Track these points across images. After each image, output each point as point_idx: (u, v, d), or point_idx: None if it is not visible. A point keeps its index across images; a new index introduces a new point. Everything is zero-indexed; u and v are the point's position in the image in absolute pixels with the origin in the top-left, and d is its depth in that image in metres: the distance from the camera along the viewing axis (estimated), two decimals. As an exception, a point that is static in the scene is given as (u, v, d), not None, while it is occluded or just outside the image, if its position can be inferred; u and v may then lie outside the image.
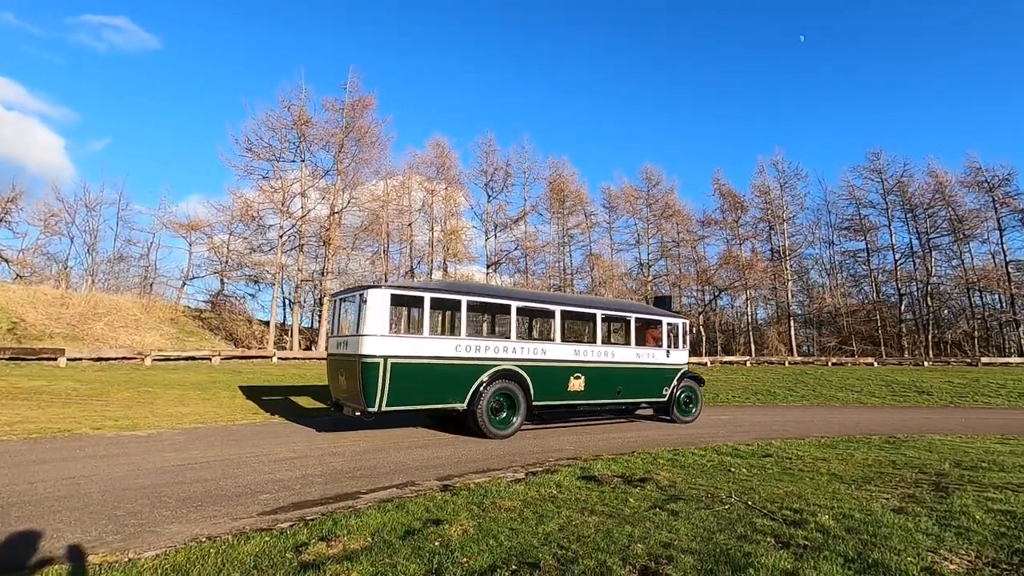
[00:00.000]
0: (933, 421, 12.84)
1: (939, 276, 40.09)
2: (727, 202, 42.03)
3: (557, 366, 10.11)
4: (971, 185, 38.99)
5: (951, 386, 22.67)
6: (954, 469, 6.07)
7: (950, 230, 39.47)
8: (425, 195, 36.84)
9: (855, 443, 8.92)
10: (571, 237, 41.91)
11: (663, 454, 7.50)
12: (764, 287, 40.79)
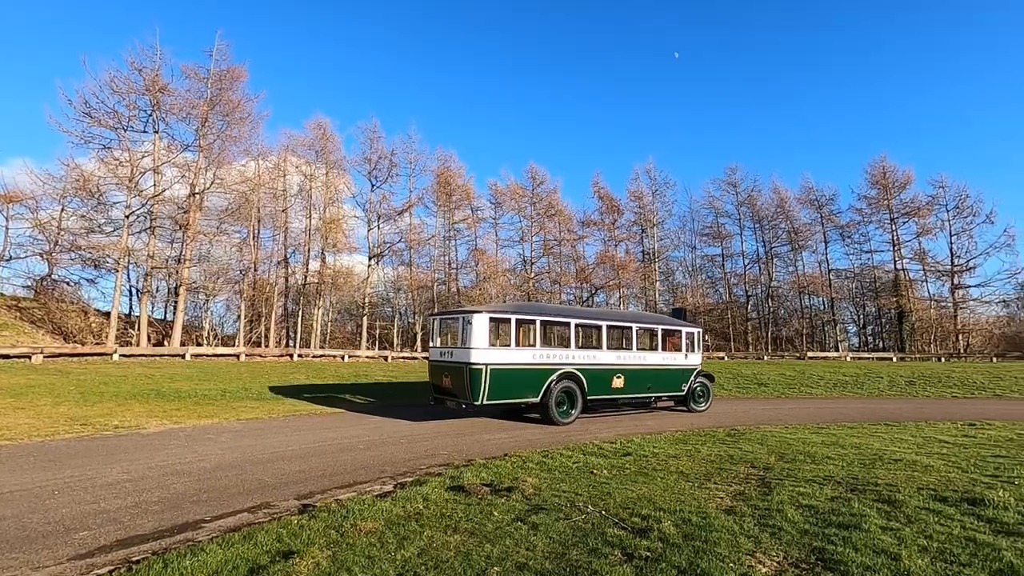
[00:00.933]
0: (768, 412, 14.56)
1: (779, 280, 45.93)
2: (605, 205, 44.51)
3: (604, 368, 12.78)
4: (805, 202, 45.10)
5: (784, 377, 25.99)
6: (778, 462, 6.90)
7: (788, 240, 45.32)
8: (303, 180, 34.58)
9: (703, 437, 9.84)
10: (457, 231, 41.83)
11: (533, 457, 7.71)
12: (635, 286, 43.88)
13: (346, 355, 28.23)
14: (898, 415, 13.85)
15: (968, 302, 41.40)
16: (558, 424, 11.52)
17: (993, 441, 8.48)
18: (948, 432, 10.06)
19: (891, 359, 35.36)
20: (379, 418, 12.28)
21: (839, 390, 22.98)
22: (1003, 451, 7.37)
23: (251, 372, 20.42)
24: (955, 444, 8.26)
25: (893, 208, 42.06)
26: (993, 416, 13.55)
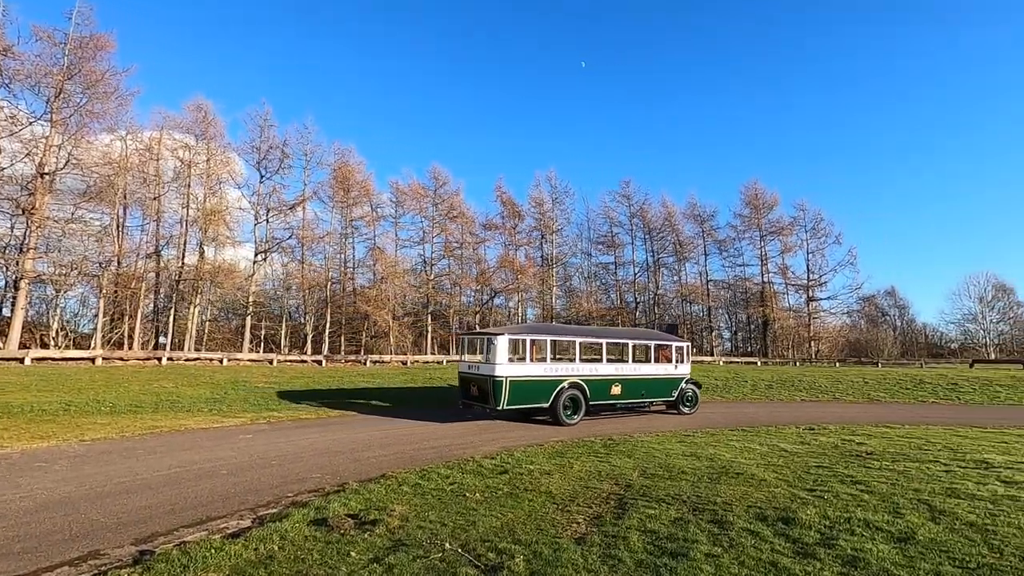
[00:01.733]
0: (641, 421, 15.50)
1: (664, 288, 49.32)
2: (507, 209, 45.21)
3: (604, 378, 15.05)
4: (690, 217, 48.86)
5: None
6: (639, 479, 7.38)
7: (674, 252, 48.82)
8: (179, 165, 31.55)
9: (581, 448, 10.27)
10: (355, 228, 40.42)
11: (409, 478, 7.61)
12: (534, 290, 44.99)
13: (225, 358, 26.24)
14: (755, 419, 15.35)
15: (819, 313, 47.13)
16: (564, 425, 13.78)
17: (822, 449, 9.66)
18: (790, 438, 11.30)
19: (756, 363, 39.31)
20: (250, 436, 11.52)
21: (710, 394, 25.07)
22: (827, 460, 8.43)
23: (107, 379, 18.30)
24: (792, 453, 9.31)
25: (763, 227, 46.82)
26: (829, 419, 15.44)
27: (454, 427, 13.46)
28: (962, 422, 14.87)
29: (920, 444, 10.18)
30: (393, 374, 26.36)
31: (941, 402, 22.73)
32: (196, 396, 17.17)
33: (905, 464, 7.81)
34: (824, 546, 4.33)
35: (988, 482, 6.42)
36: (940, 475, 6.89)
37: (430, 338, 38.88)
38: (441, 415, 15.62)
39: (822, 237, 45.91)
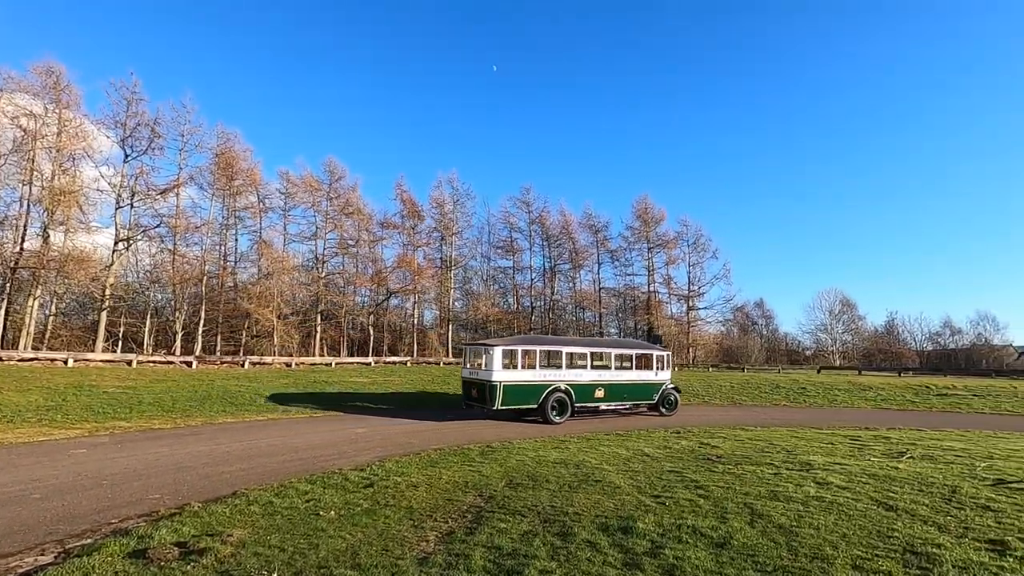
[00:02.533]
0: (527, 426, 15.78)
1: (560, 294, 50.91)
2: (407, 208, 44.33)
3: (588, 383, 17.05)
4: (585, 226, 50.87)
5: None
6: (504, 489, 7.42)
7: (570, 259, 50.56)
8: (20, 135, 27.38)
9: (459, 455, 10.20)
10: (239, 219, 37.54)
11: (262, 496, 7.09)
12: (432, 292, 44.48)
13: (72, 358, 23.18)
14: (628, 424, 16.19)
15: (697, 321, 51.06)
16: (551, 424, 15.77)
17: (679, 453, 10.35)
18: (656, 442, 11.99)
19: (640, 368, 41.80)
20: (84, 451, 10.19)
21: None
22: (680, 464, 9.03)
23: (-96, 384, 15.39)
24: (652, 458, 9.88)
25: (651, 239, 49.90)
26: (695, 423, 16.68)
27: (330, 435, 12.87)
28: (804, 424, 16.69)
29: (763, 447, 11.23)
30: (273, 377, 24.74)
31: (791, 405, 25.43)
32: (23, 403, 14.93)
33: (744, 467, 8.55)
34: (651, 555, 4.57)
35: (805, 483, 7.19)
36: (769, 478, 7.62)
37: (319, 339, 37.04)
38: (319, 424, 14.87)
39: (702, 252, 49.91)
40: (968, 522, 5.45)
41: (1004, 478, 7.49)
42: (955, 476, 7.71)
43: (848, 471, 8.06)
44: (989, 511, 5.83)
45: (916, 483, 7.22)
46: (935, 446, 11.37)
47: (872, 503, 6.16)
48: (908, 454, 10.00)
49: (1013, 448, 11.24)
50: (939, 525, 5.34)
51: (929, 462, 9.18)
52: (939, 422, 18.91)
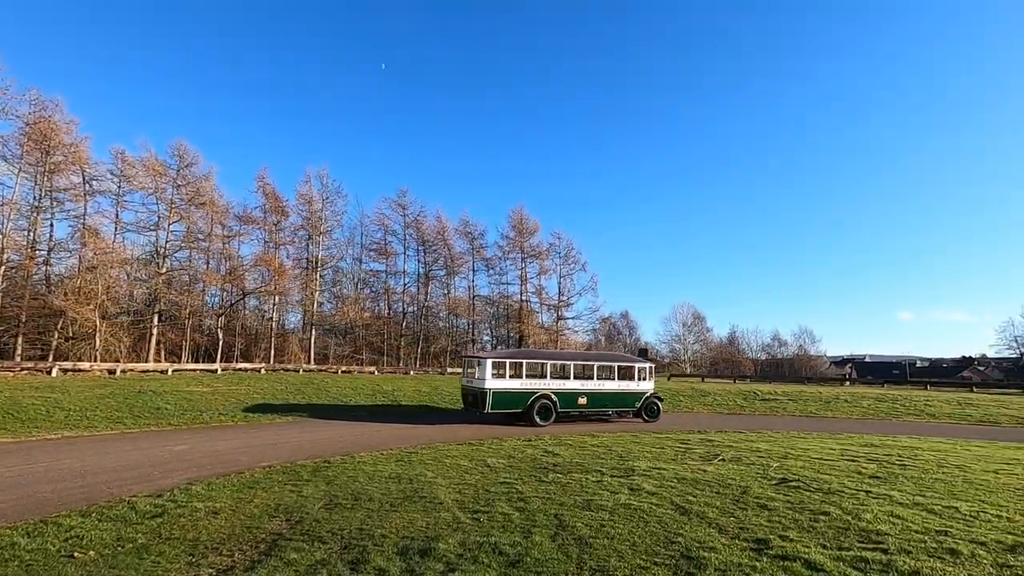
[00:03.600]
0: (381, 436, 15.05)
1: (434, 300, 50.29)
2: (270, 203, 41.08)
3: (571, 391, 19.08)
4: (462, 233, 50.88)
5: (418, 393, 28.02)
6: (319, 511, 6.83)
7: (445, 266, 50.19)
8: None
9: (286, 474, 9.31)
10: (57, 201, 32.12)
11: (6, 538, 5.81)
12: (294, 294, 41.58)
13: None
14: (494, 432, 16.13)
15: (565, 331, 53.28)
16: (537, 427, 17.76)
17: (520, 463, 10.41)
18: (504, 452, 11.96)
19: (509, 375, 42.56)
20: None
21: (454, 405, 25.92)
22: (515, 475, 9.04)
23: None
24: (492, 468, 9.81)
25: (525, 249, 51.20)
26: (546, 431, 17.11)
27: (138, 455, 11.23)
28: (646, 430, 17.83)
29: (601, 453, 11.70)
30: (87, 387, 21.34)
31: (640, 411, 27.26)
32: None
33: (573, 476, 8.76)
34: (439, 580, 4.35)
35: (621, 490, 7.51)
36: (591, 486, 7.85)
37: (154, 342, 32.78)
38: (131, 442, 12.94)
39: (572, 264, 52.27)
40: (745, 522, 5.95)
41: (788, 477, 8.42)
42: (750, 477, 8.53)
43: (663, 475, 8.59)
44: (766, 510, 6.44)
45: (717, 485, 7.85)
46: (747, 448, 12.64)
47: (672, 508, 6.53)
48: (720, 456, 10.97)
49: (805, 448, 12.84)
50: (720, 527, 5.76)
51: (736, 464, 10.12)
52: (758, 425, 21.29)
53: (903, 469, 9.62)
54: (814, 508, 6.46)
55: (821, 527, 5.69)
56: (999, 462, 10.91)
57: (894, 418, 25.67)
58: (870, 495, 7.22)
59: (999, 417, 24.94)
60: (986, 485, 8.21)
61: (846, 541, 5.22)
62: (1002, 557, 4.74)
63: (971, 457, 11.64)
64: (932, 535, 5.35)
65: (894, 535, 5.34)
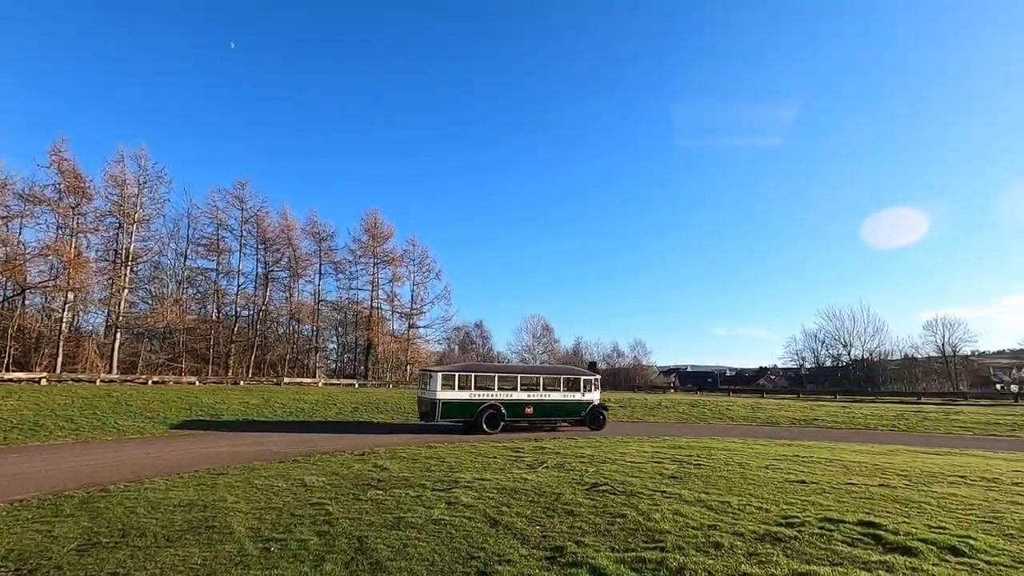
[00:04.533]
0: (187, 457, 13.20)
1: (273, 304, 46.31)
2: (68, 182, 34.62)
3: (518, 401, 21.02)
4: (309, 233, 47.74)
5: (246, 406, 25.42)
6: (68, 553, 5.64)
7: (289, 267, 46.58)
8: None
9: (39, 510, 7.63)
10: None
11: None
12: (95, 291, 35.43)
13: None
14: (319, 446, 14.98)
15: (416, 339, 52.53)
16: (487, 434, 19.22)
17: (344, 479, 9.74)
18: (329, 468, 11.13)
19: (354, 384, 40.55)
20: None
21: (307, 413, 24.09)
22: (334, 493, 8.40)
23: None
24: (307, 487, 9.01)
25: (378, 255, 49.60)
26: (382, 443, 16.43)
27: None
28: (487, 440, 17.93)
29: (432, 465, 11.45)
30: None
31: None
32: None
33: (395, 491, 8.38)
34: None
35: (438, 505, 7.32)
36: (407, 502, 7.55)
37: None
38: None
39: (426, 271, 51.83)
40: (550, 530, 6.10)
41: (599, 482, 8.92)
42: (566, 483, 8.88)
43: (485, 486, 8.59)
44: (571, 516, 6.69)
45: (533, 493, 8.03)
46: (572, 454, 13.29)
47: (483, 521, 6.48)
48: (545, 464, 11.36)
49: (623, 452, 13.86)
50: (524, 537, 5.83)
51: (558, 470, 10.52)
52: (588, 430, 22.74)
53: (697, 468, 10.76)
54: (614, 511, 6.85)
55: (616, 530, 6.03)
56: (771, 458, 12.75)
57: (702, 421, 29.14)
58: (664, 495, 7.89)
59: (780, 419, 29.59)
60: (757, 479, 9.48)
61: (633, 542, 5.57)
62: (753, 546, 5.38)
63: (752, 454, 13.47)
64: (704, 530, 5.93)
65: (674, 533, 5.82)
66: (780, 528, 6.04)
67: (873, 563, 4.89)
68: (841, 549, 5.30)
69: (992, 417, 29.74)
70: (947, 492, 8.63)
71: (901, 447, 17.16)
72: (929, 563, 4.94)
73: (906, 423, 28.13)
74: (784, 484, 9.02)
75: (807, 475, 10.02)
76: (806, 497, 7.91)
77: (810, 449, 15.37)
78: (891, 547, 5.38)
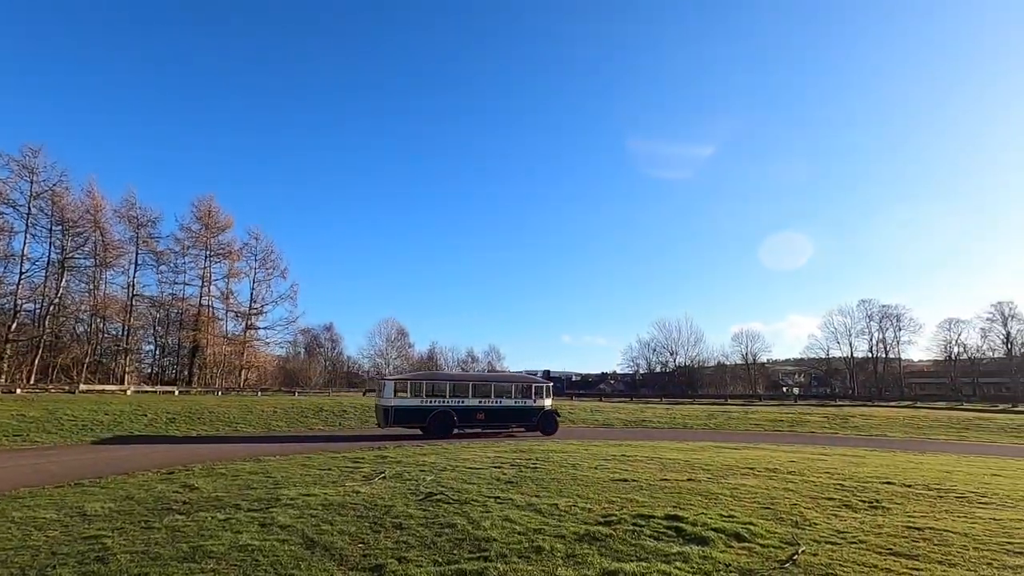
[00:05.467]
0: None
1: (71, 296, 39.08)
2: None
3: (470, 406, 22.51)
4: (124, 217, 41.21)
5: (22, 420, 21.10)
6: None
7: (94, 254, 39.67)
8: None
9: None
10: None
11: None
12: None
13: None
14: (125, 464, 12.74)
15: (255, 342, 48.00)
16: (437, 439, 20.16)
17: (140, 503, 8.33)
18: (127, 492, 9.49)
19: (174, 392, 35.65)
20: None
21: (107, 427, 20.62)
22: (121, 523, 7.11)
23: None
24: (88, 517, 7.54)
25: (211, 246, 44.44)
26: (201, 458, 14.55)
27: None
28: (322, 450, 16.84)
29: (255, 481, 10.32)
30: None
31: (327, 429, 26.02)
32: None
33: (198, 515, 7.34)
34: None
35: (249, 527, 6.53)
36: (212, 527, 6.63)
37: None
38: None
39: (270, 268, 47.66)
40: (374, 547, 5.73)
41: (434, 491, 8.70)
42: (400, 494, 8.52)
43: (309, 503, 7.90)
44: (399, 530, 6.37)
45: (362, 508, 7.54)
46: (414, 462, 12.90)
47: (299, 543, 5.90)
48: (383, 474, 10.86)
49: (466, 458, 13.81)
50: (343, 557, 5.40)
51: (395, 480, 10.09)
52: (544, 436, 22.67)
53: (534, 472, 11.05)
54: (445, 521, 6.68)
55: (443, 541, 5.85)
56: (602, 458, 13.62)
57: (546, 424, 30.47)
58: (498, 500, 7.92)
59: (614, 420, 32.09)
60: (586, 480, 9.99)
61: (458, 553, 5.43)
62: (572, 547, 5.56)
63: (586, 455, 14.27)
64: (529, 535, 6.00)
65: (500, 540, 5.80)
66: (599, 527, 6.35)
67: (672, 555, 5.32)
68: (648, 544, 5.70)
69: (778, 415, 35.37)
70: (739, 483, 9.88)
71: (709, 443, 19.52)
72: (717, 550, 5.51)
73: (715, 422, 32.26)
74: (609, 483, 9.62)
75: (630, 473, 10.83)
76: (626, 495, 8.49)
77: (636, 448, 16.78)
78: (689, 538, 5.92)
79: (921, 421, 31.76)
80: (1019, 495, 9.12)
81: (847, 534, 6.30)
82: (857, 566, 5.10)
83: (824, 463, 13.30)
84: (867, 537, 6.15)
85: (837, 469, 12.02)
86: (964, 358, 75.75)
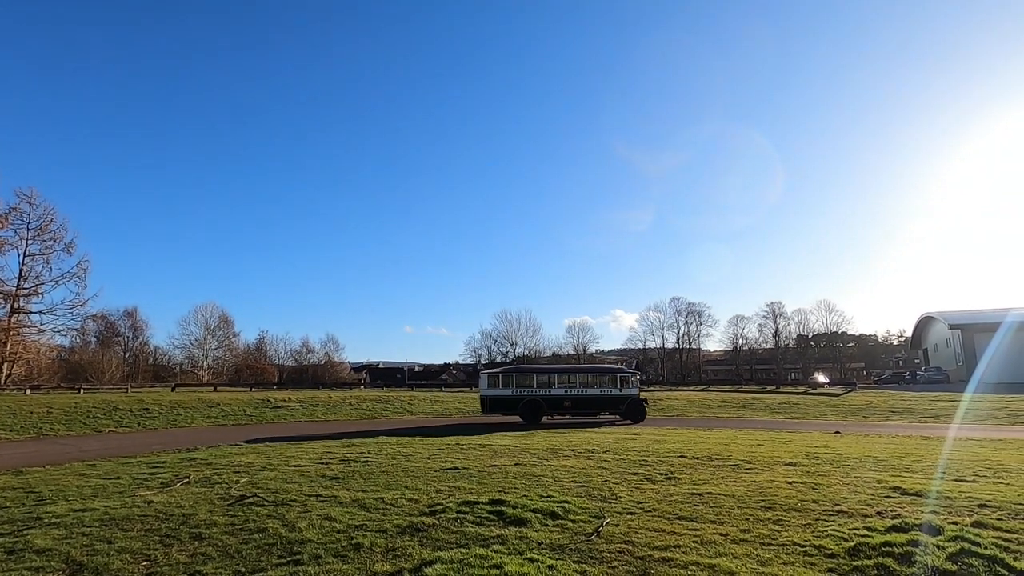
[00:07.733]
0: None
1: None
2: None
3: (556, 395, 25.13)
4: None
5: None
6: None
7: None
8: None
9: None
10: None
11: None
12: None
13: None
14: None
15: (25, 328, 39.40)
16: (530, 424, 23.33)
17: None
18: None
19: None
20: None
21: None
22: None
23: None
24: None
25: (-37, 210, 35.41)
26: None
27: None
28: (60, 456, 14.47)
29: (7, 500, 8.45)
30: None
31: (120, 431, 22.51)
32: None
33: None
34: None
35: None
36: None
37: None
38: None
39: (49, 240, 39.28)
40: (161, 563, 5.01)
41: (248, 493, 7.93)
42: (206, 500, 7.61)
43: (83, 519, 6.64)
44: (197, 540, 5.66)
45: (154, 519, 6.57)
46: (228, 463, 11.64)
47: (61, 569, 4.92)
48: (186, 479, 9.62)
49: (290, 455, 12.87)
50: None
51: (200, 485, 8.99)
52: (261, 433, 20.69)
53: (364, 466, 10.67)
54: (255, 526, 6.10)
55: (249, 549, 5.32)
56: (436, 448, 13.67)
57: (384, 416, 29.83)
58: (320, 499, 7.47)
59: (453, 410, 32.47)
60: (417, 471, 9.91)
61: (265, 560, 4.98)
62: (393, 541, 5.44)
63: (420, 446, 14.20)
64: (349, 532, 5.74)
65: (316, 541, 5.46)
66: (423, 518, 6.31)
67: (492, 538, 5.48)
68: (470, 530, 5.81)
69: (601, 400, 38.86)
70: (561, 464, 10.61)
71: (539, 429, 20.75)
72: (534, 530, 5.81)
73: (546, 408, 34.30)
74: (440, 473, 9.66)
75: (461, 461, 11.00)
76: (455, 483, 8.59)
77: (471, 436, 17.16)
78: (509, 520, 6.17)
79: (712, 402, 37.22)
80: (774, 460, 11.12)
81: (645, 504, 7.09)
82: (649, 532, 5.75)
83: (634, 442, 14.89)
84: (660, 505, 6.99)
85: (644, 447, 13.53)
86: (746, 348, 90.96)
